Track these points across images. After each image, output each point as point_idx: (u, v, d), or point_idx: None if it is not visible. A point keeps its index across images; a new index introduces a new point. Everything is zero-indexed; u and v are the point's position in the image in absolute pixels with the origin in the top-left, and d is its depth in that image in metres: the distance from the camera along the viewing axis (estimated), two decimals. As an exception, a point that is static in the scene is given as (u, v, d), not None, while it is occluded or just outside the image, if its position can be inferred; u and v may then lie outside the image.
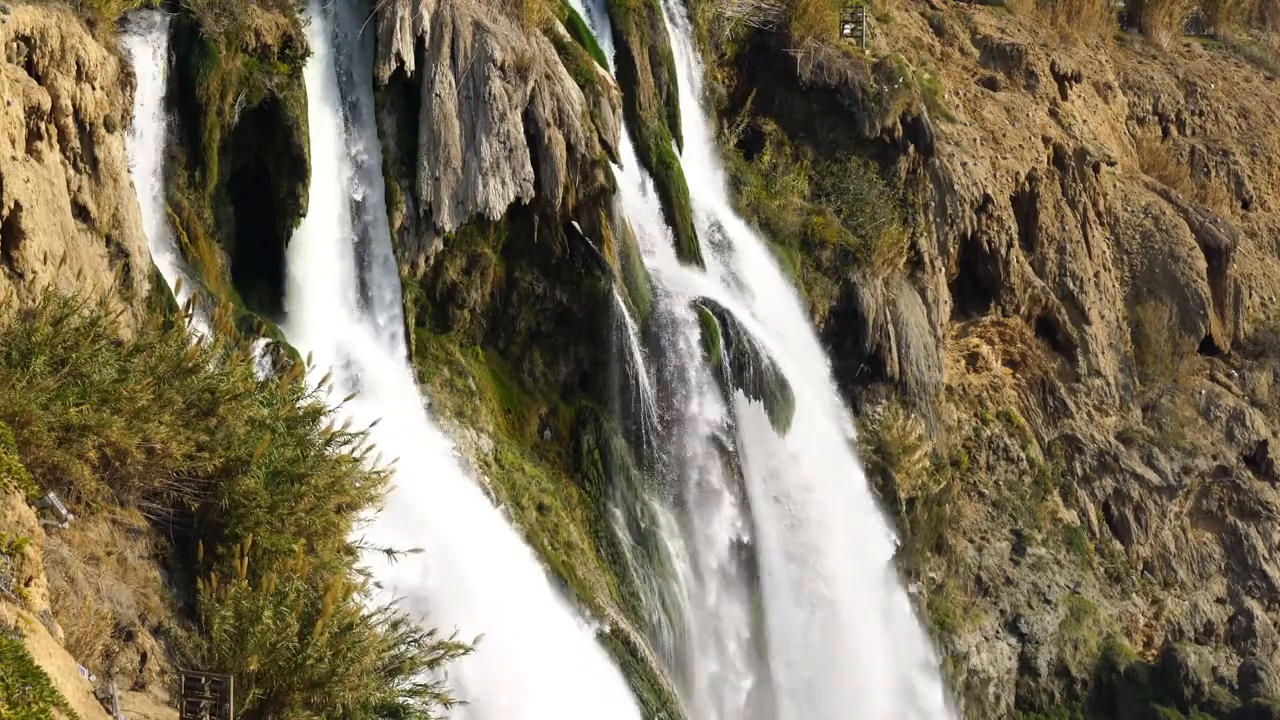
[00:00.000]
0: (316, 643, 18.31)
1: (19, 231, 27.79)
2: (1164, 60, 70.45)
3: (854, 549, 46.11)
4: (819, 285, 49.10)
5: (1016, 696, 52.76)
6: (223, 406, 20.99)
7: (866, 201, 50.40)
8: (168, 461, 20.33)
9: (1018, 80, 61.08)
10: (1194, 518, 58.96)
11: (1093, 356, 57.93)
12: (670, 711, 39.38)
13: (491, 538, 37.03)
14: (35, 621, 15.64)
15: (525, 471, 40.24)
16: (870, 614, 46.53)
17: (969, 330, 55.88)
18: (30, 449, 18.67)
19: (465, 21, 39.44)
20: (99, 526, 19.83)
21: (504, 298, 41.08)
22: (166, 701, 18.27)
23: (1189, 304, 60.70)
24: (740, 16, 51.15)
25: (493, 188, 39.06)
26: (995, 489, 55.04)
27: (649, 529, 41.79)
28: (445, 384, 39.66)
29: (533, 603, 36.13)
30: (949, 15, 62.46)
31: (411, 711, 19.77)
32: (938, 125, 53.58)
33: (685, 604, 42.05)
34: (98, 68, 31.00)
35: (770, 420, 43.59)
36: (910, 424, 50.20)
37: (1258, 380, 62.19)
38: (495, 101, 39.22)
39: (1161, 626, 56.75)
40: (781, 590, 44.31)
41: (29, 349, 19.74)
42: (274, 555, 19.85)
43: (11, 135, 28.26)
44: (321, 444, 22.06)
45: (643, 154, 44.97)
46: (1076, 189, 58.93)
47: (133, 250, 31.79)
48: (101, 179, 31.24)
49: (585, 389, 41.97)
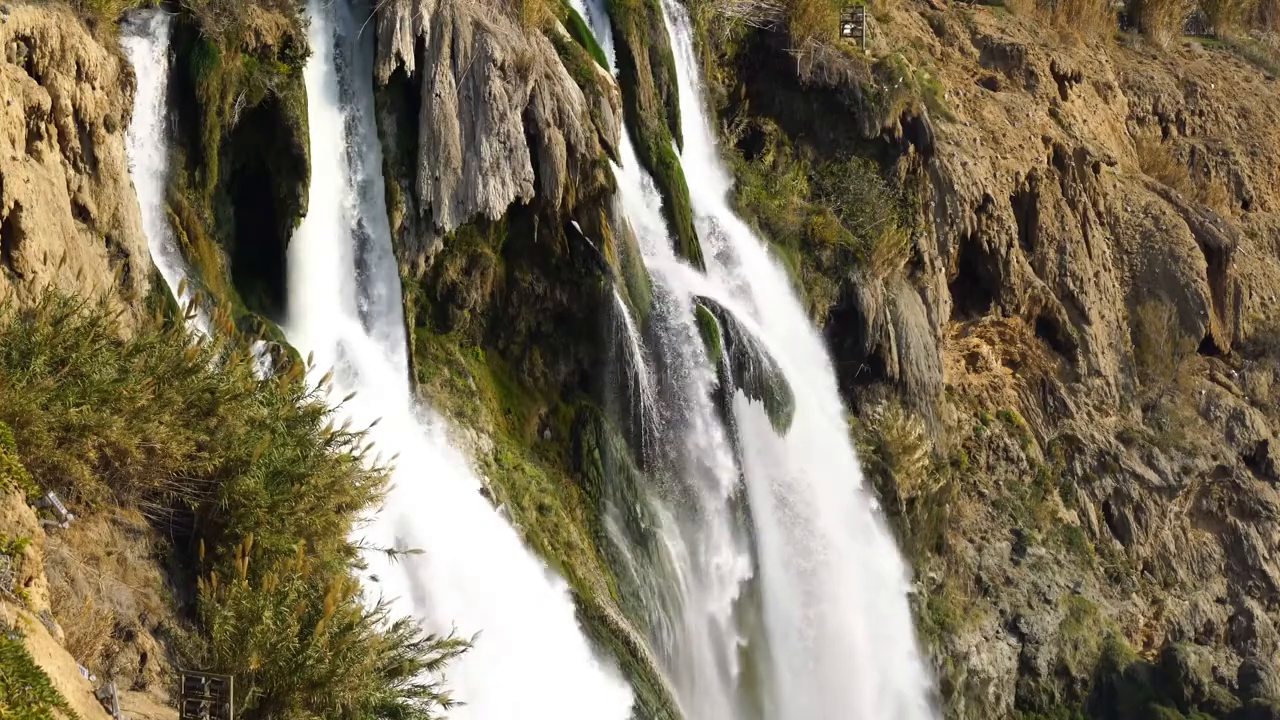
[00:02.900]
0: (317, 643, 18.30)
1: (19, 231, 27.80)
2: (1164, 60, 70.43)
3: (853, 548, 46.12)
4: (819, 285, 49.09)
5: (1016, 696, 52.75)
6: (223, 406, 20.99)
7: (866, 201, 50.39)
8: (168, 461, 20.33)
9: (1018, 80, 61.07)
10: (1194, 518, 58.95)
11: (1093, 356, 57.92)
12: (670, 711, 39.38)
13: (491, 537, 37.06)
14: (35, 621, 15.64)
15: (525, 471, 40.25)
16: (868, 612, 46.54)
17: (969, 330, 55.87)
18: (30, 449, 18.67)
19: (465, 21, 39.43)
20: (99, 526, 19.82)
21: (504, 298, 41.07)
22: (166, 701, 18.27)
23: (1189, 304, 60.68)
24: (740, 16, 51.14)
25: (493, 188, 39.05)
26: (995, 489, 55.03)
27: (649, 529, 41.79)
28: (445, 384, 39.66)
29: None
30: (949, 15, 62.45)
31: (411, 712, 19.77)
32: (938, 125, 53.57)
33: (685, 604, 42.06)
34: (98, 68, 31.00)
35: (770, 420, 43.59)
36: (910, 424, 50.20)
37: (1258, 380, 62.17)
38: (495, 101, 39.21)
39: (1161, 626, 56.74)
40: (781, 589, 44.31)
41: (29, 349, 19.74)
42: (274, 555, 19.85)
43: (11, 135, 28.27)
44: (321, 444, 22.06)
45: (643, 154, 44.96)
46: (1076, 189, 58.91)
47: (133, 250, 31.79)
48: (101, 179, 31.24)
49: (585, 389, 41.97)
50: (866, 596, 46.62)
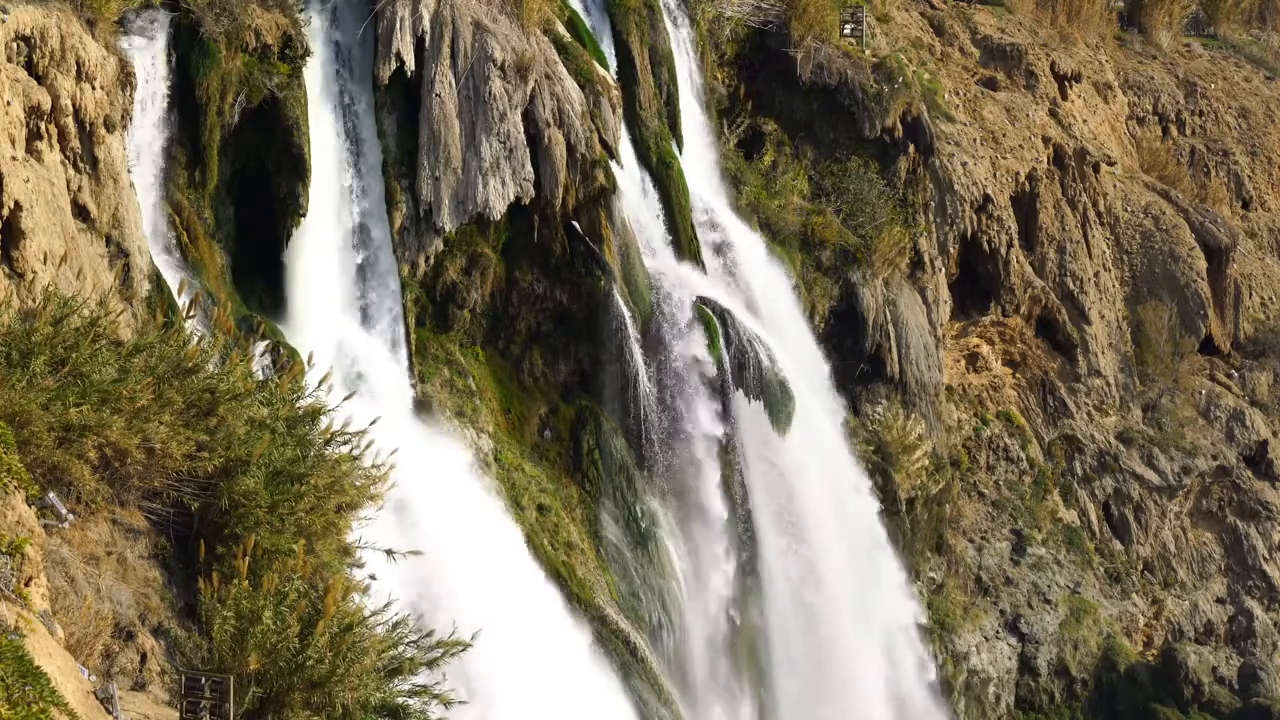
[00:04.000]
0: (317, 643, 18.30)
1: (19, 231, 27.80)
2: (1164, 60, 70.43)
3: (852, 548, 46.13)
4: (819, 285, 49.10)
5: (1016, 696, 52.75)
6: (223, 406, 20.98)
7: (866, 201, 50.39)
8: (168, 461, 20.32)
9: (1018, 80, 61.07)
10: (1194, 518, 58.95)
11: (1093, 356, 57.92)
12: (670, 711, 39.38)
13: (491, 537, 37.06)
14: (35, 621, 15.63)
15: (525, 471, 40.25)
16: (866, 613, 46.56)
17: (969, 330, 55.87)
18: (30, 449, 18.66)
19: (465, 21, 39.43)
20: (99, 526, 19.82)
21: (504, 298, 41.07)
22: (166, 701, 18.26)
23: (1189, 304, 60.68)
24: (740, 16, 51.14)
25: (493, 188, 39.05)
26: (995, 489, 55.03)
27: (649, 529, 41.79)
28: (445, 384, 39.66)
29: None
30: (949, 15, 62.45)
31: (411, 712, 19.77)
32: (938, 125, 53.57)
33: (685, 604, 42.06)
34: (98, 68, 30.99)
35: (770, 420, 43.60)
36: (910, 424, 50.20)
37: (1258, 380, 62.18)
38: (495, 101, 39.22)
39: (1161, 626, 56.75)
40: (781, 589, 44.32)
41: (29, 349, 19.73)
42: (274, 555, 19.84)
43: (11, 135, 28.27)
44: (321, 444, 22.05)
45: (643, 154, 44.96)
46: (1076, 189, 58.93)
47: (133, 250, 31.79)
48: (101, 179, 31.24)
49: (585, 389, 41.97)
50: (866, 596, 46.63)
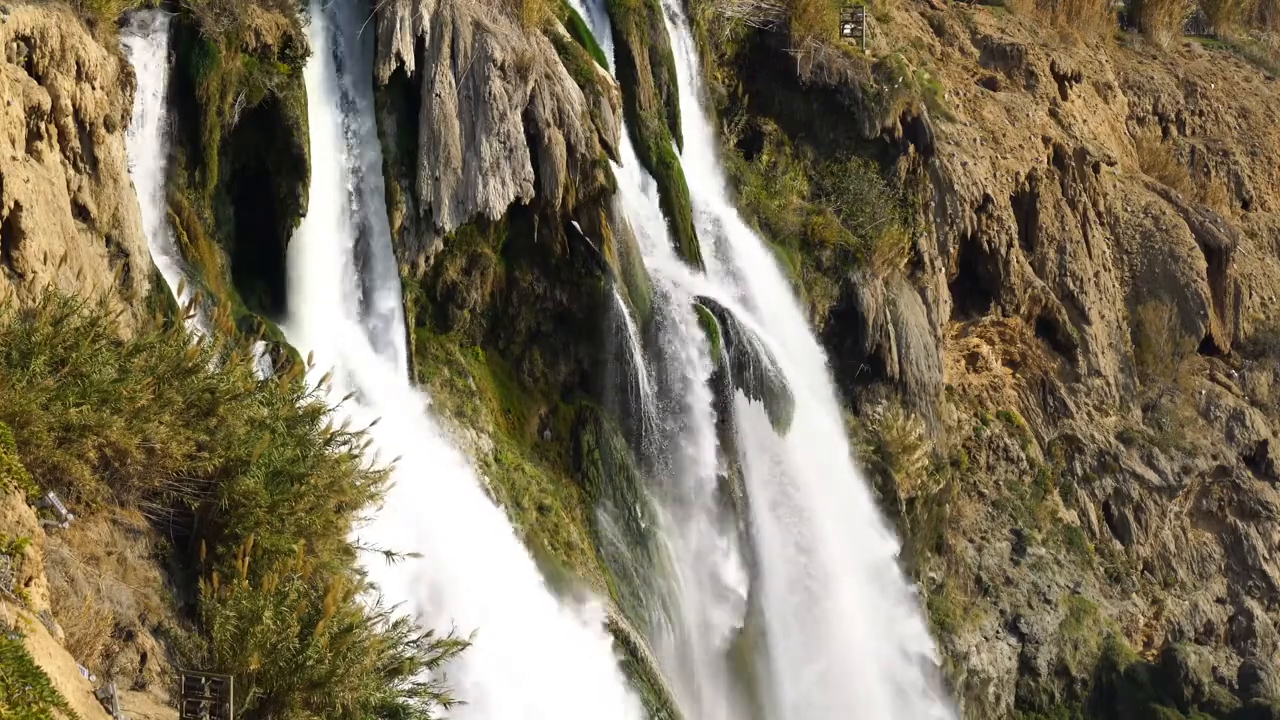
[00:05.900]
0: (317, 643, 18.30)
1: (19, 231, 27.81)
2: (1164, 60, 70.42)
3: (853, 547, 46.13)
4: (819, 285, 49.11)
5: (1016, 696, 52.75)
6: (223, 406, 20.97)
7: (866, 201, 50.40)
8: (168, 461, 20.31)
9: (1018, 80, 61.06)
10: (1194, 518, 58.95)
11: (1093, 356, 57.92)
12: (670, 711, 39.37)
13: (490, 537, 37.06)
14: (35, 621, 15.63)
15: (525, 471, 40.25)
16: (865, 607, 46.58)
17: (969, 330, 55.87)
18: (30, 449, 18.65)
19: (465, 21, 39.44)
20: (99, 526, 19.81)
21: (504, 298, 41.08)
22: (166, 701, 18.26)
23: (1189, 304, 60.68)
24: (740, 16, 51.14)
25: (493, 188, 39.06)
26: (995, 489, 55.04)
27: (649, 529, 41.79)
28: (445, 384, 39.66)
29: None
30: (949, 15, 62.44)
31: (411, 711, 19.76)
32: (938, 125, 53.57)
33: (685, 603, 42.06)
34: (98, 68, 31.00)
35: (770, 420, 43.60)
36: (910, 424, 50.20)
37: (1258, 380, 62.18)
38: (495, 101, 39.22)
39: (1161, 626, 56.75)
40: (781, 589, 44.32)
41: (29, 349, 19.71)
42: (274, 555, 19.83)
43: (11, 135, 28.27)
44: (321, 444, 22.04)
45: (643, 154, 44.97)
46: (1076, 189, 58.92)
47: (133, 250, 31.79)
48: (101, 179, 31.24)
49: (585, 389, 41.97)
50: (866, 595, 46.64)
